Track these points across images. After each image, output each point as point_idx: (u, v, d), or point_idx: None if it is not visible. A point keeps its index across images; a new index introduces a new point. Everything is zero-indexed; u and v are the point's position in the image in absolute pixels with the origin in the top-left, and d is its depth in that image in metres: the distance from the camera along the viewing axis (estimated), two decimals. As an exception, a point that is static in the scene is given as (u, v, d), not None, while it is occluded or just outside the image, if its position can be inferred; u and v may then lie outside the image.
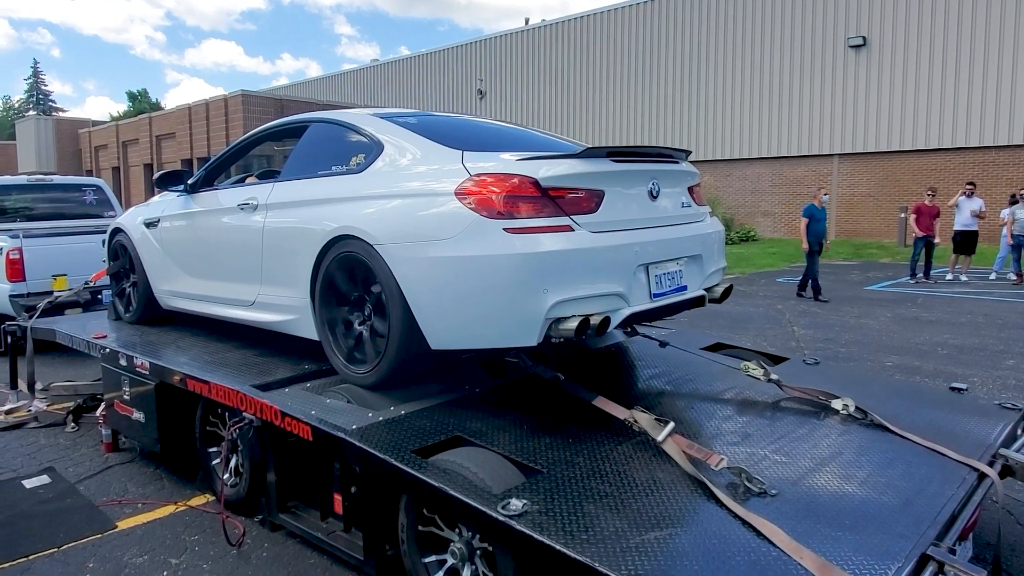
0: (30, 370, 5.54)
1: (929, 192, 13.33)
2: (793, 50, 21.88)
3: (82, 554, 3.42)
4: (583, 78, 27.16)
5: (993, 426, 3.17)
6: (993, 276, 13.50)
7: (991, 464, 2.81)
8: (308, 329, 3.63)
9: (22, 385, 5.74)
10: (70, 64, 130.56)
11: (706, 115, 23.91)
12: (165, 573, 3.24)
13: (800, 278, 11.76)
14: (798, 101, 21.85)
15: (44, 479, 4.34)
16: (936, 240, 13.16)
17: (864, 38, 20.39)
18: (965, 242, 13.23)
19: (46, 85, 71.69)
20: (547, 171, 2.90)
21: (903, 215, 18.69)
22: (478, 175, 2.94)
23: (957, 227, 13.27)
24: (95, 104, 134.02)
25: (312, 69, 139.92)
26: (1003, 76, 18.38)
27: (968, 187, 13.52)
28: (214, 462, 3.92)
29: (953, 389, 3.77)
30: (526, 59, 28.98)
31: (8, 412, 5.56)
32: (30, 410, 5.56)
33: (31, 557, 3.38)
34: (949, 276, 13.51)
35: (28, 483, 4.28)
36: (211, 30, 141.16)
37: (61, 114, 59.58)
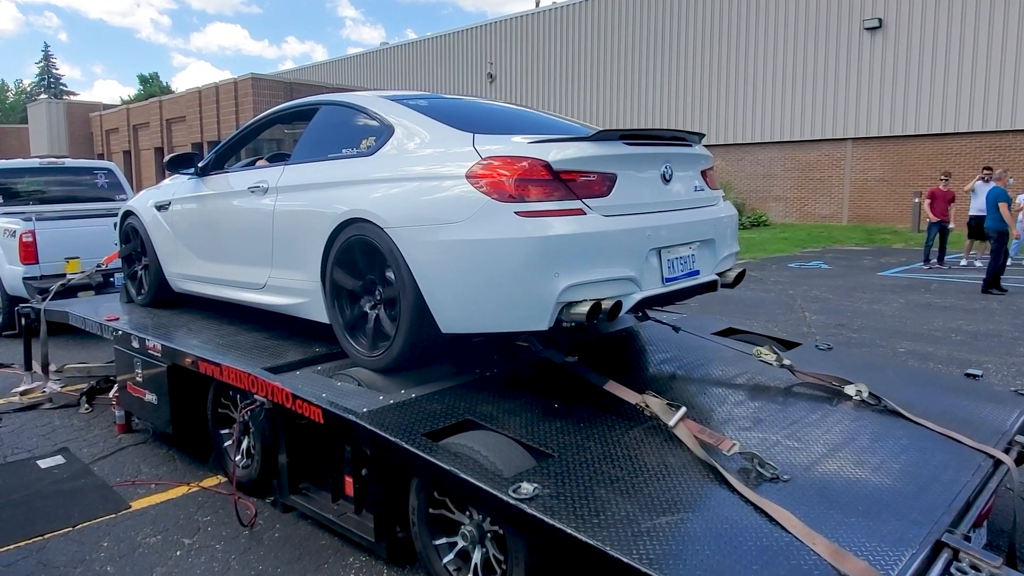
0: (44, 352, 5.59)
1: (943, 176, 13.17)
2: (807, 32, 21.59)
3: (96, 533, 3.46)
4: (595, 61, 26.93)
5: (1009, 413, 3.14)
6: (1008, 262, 13.34)
7: (1007, 451, 2.78)
8: (319, 312, 3.64)
9: (36, 367, 5.79)
10: (77, 48, 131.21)
11: (719, 98, 23.68)
12: (178, 553, 3.27)
13: (986, 275, 10.25)
14: (812, 84, 21.59)
15: (59, 459, 4.38)
16: (951, 225, 13.02)
17: (880, 20, 20.08)
18: (980, 227, 13.07)
19: (57, 69, 71.84)
20: (559, 154, 2.87)
21: (917, 200, 18.51)
22: (489, 158, 2.92)
23: (972, 212, 13.11)
24: (103, 87, 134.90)
25: (317, 52, 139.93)
26: (1021, 59, 18.07)
27: (986, 172, 13.33)
28: (226, 444, 3.95)
29: (968, 375, 3.74)
30: (537, 42, 28.75)
31: (23, 393, 5.62)
32: (44, 391, 5.61)
33: (46, 536, 3.43)
34: (963, 262, 13.38)
35: (43, 463, 4.33)
36: (216, 13, 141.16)
37: (72, 98, 59.77)
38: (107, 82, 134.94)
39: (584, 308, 2.78)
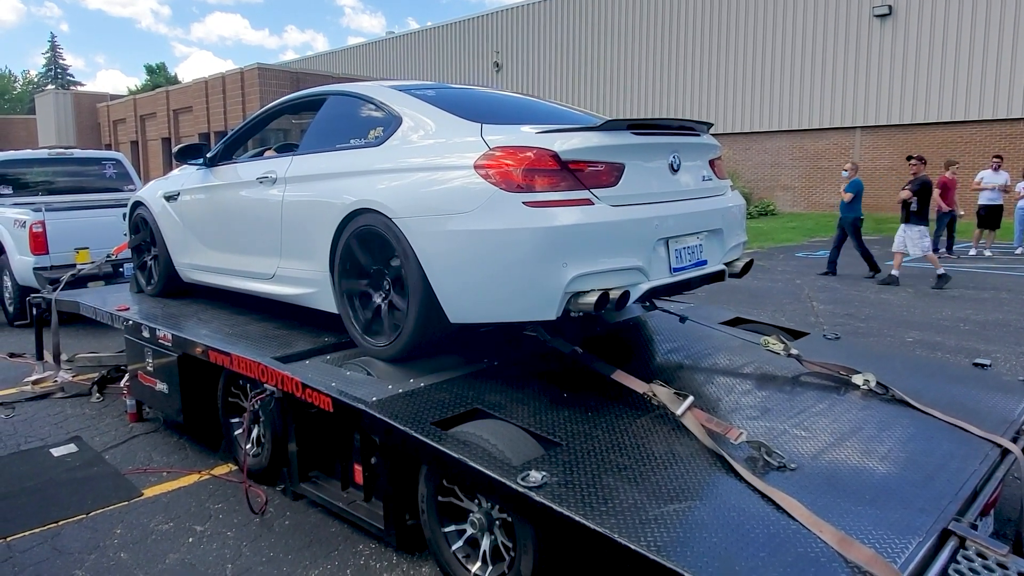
0: (55, 341, 5.64)
1: (949, 165, 13.07)
2: (816, 19, 21.39)
3: (110, 520, 3.50)
4: (601, 50, 26.77)
5: (1017, 402, 3.14)
6: (1019, 250, 13.27)
7: (1014, 440, 2.78)
8: (328, 302, 3.66)
9: (48, 356, 5.84)
10: (79, 38, 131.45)
11: (726, 87, 23.52)
12: (190, 540, 3.31)
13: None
14: (820, 72, 21.41)
15: (71, 448, 4.43)
16: (960, 212, 12.99)
17: (890, 7, 19.88)
18: (989, 216, 13.00)
19: (63, 59, 71.90)
20: (567, 144, 2.88)
21: (926, 189, 18.36)
22: (497, 148, 2.92)
23: (981, 201, 13.03)
24: (106, 77, 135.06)
25: (318, 41, 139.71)
26: (1034, 45, 17.88)
27: (995, 160, 13.25)
28: (236, 432, 3.98)
29: (976, 365, 3.73)
30: (543, 31, 28.59)
31: (35, 382, 5.67)
32: (56, 381, 5.66)
33: (60, 523, 3.47)
34: (973, 251, 13.30)
35: (56, 451, 4.37)
36: (216, 3, 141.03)
37: (79, 88, 59.86)
38: (110, 72, 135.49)
39: (592, 298, 2.79)
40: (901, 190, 10.33)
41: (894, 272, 10.18)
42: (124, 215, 5.66)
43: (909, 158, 10.47)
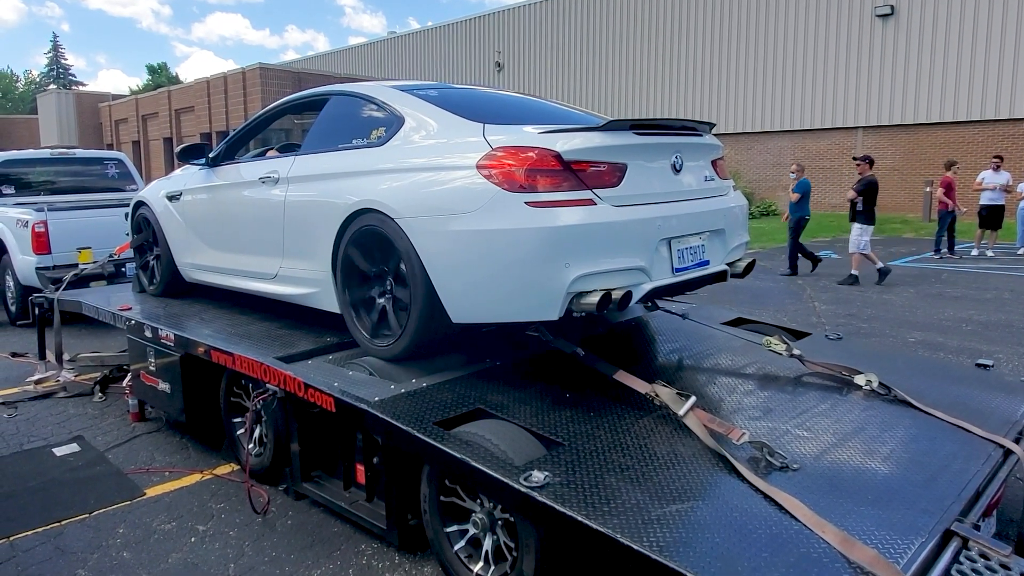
0: (58, 341, 5.65)
1: (951, 167, 13.07)
2: (818, 19, 21.38)
3: (112, 520, 3.51)
4: (603, 49, 26.76)
5: (1019, 403, 3.13)
6: (1021, 251, 13.25)
7: (1017, 441, 2.78)
8: (330, 302, 3.66)
9: (50, 356, 5.85)
10: (80, 38, 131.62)
11: (729, 87, 23.50)
12: (193, 539, 3.31)
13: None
14: (822, 72, 21.39)
15: (74, 447, 4.44)
16: (963, 209, 13.01)
17: (892, 7, 19.87)
18: (991, 216, 12.99)
19: (65, 59, 71.98)
20: (569, 144, 2.88)
21: (928, 189, 18.36)
22: (499, 148, 2.92)
23: (983, 201, 13.03)
24: (108, 77, 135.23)
25: (318, 41, 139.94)
26: (1036, 46, 17.85)
27: (995, 160, 13.23)
28: (239, 432, 3.98)
29: (979, 365, 3.72)
30: (544, 30, 28.58)
31: (38, 382, 5.68)
32: (58, 380, 5.67)
33: (63, 522, 3.48)
34: (975, 251, 13.29)
35: (58, 451, 4.38)
36: (216, 3, 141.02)
37: (81, 88, 59.92)
38: (111, 72, 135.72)
39: (594, 298, 2.79)
40: (849, 190, 10.59)
41: (880, 266, 10.27)
42: (126, 215, 5.67)
43: (854, 158, 10.69)
